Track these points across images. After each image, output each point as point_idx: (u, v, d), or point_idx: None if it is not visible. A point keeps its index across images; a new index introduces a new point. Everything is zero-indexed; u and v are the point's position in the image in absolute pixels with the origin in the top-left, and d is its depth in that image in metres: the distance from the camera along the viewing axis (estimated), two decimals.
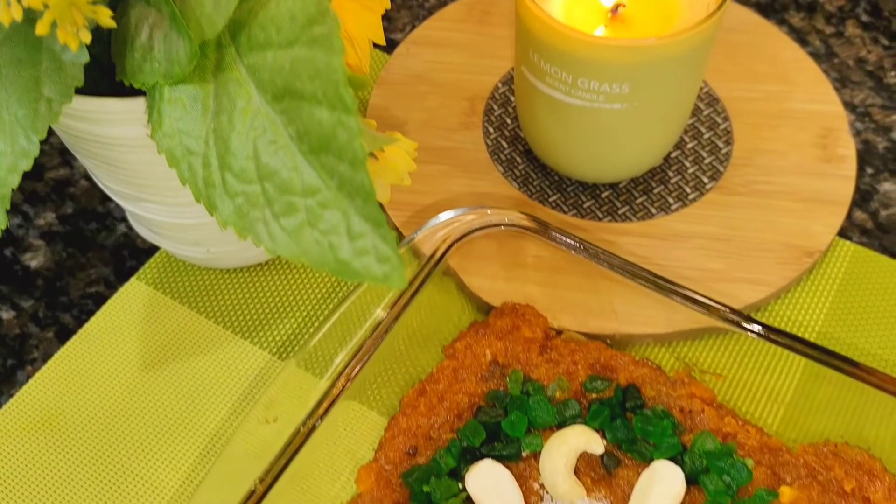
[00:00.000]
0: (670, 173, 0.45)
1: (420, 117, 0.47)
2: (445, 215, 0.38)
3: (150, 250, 0.44)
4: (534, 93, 0.40)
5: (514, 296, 0.40)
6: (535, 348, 0.38)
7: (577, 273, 0.39)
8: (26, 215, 0.46)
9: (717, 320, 0.36)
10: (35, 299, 0.43)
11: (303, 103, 0.26)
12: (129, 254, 0.45)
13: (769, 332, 0.35)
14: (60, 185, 0.47)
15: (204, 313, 0.42)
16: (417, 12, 0.55)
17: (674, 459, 0.35)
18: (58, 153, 0.49)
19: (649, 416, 0.36)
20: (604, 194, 0.44)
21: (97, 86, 0.31)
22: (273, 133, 0.27)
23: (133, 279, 0.43)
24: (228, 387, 0.40)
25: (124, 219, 0.46)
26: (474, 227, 0.38)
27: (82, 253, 0.45)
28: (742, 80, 0.48)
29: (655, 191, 0.44)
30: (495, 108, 0.48)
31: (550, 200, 0.44)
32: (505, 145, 0.46)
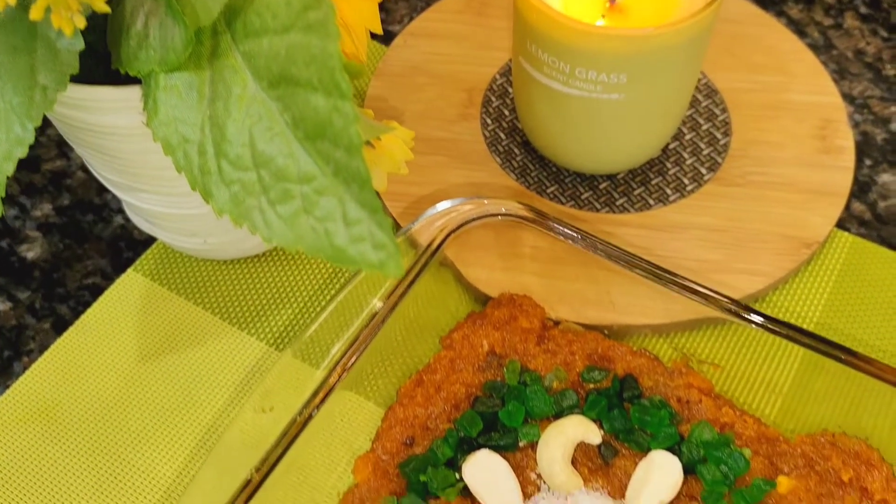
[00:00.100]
0: (668, 164, 0.45)
1: (418, 108, 0.47)
2: (443, 205, 0.38)
3: (147, 242, 0.44)
4: (531, 83, 0.40)
5: (512, 286, 0.40)
6: (532, 339, 0.38)
7: (574, 263, 0.39)
8: (23, 207, 0.46)
9: (716, 310, 0.36)
10: (32, 290, 0.43)
11: (298, 90, 0.26)
12: (126, 245, 0.45)
13: (767, 323, 0.35)
14: (57, 177, 0.47)
15: (201, 304, 0.42)
16: (415, 4, 0.55)
17: (671, 449, 0.35)
18: (55, 145, 0.49)
19: (647, 406, 0.36)
20: (602, 185, 0.44)
21: (93, 75, 0.30)
22: (269, 120, 0.27)
23: (130, 270, 0.43)
24: (225, 377, 0.40)
25: (121, 210, 0.46)
26: (472, 216, 0.38)
27: (79, 244, 0.45)
28: (740, 72, 0.48)
29: (653, 182, 0.44)
30: (493, 99, 0.48)
31: (548, 192, 0.44)
32: (503, 137, 0.46)
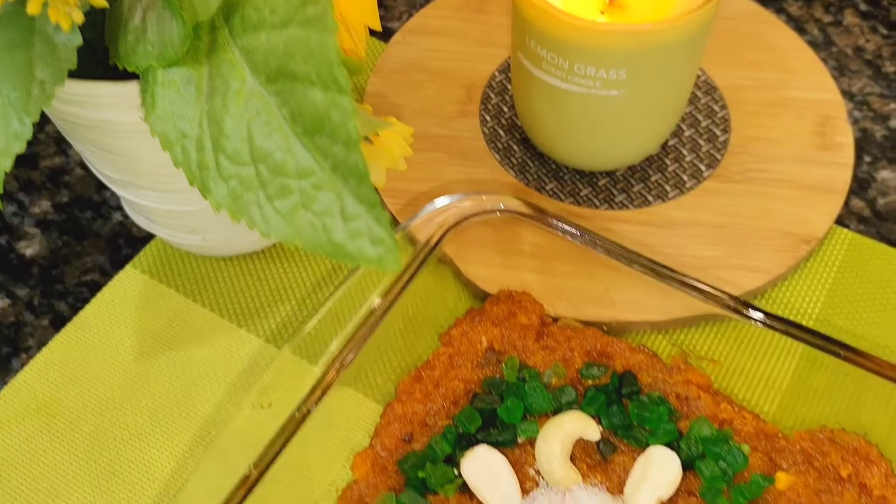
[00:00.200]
0: (667, 161, 0.45)
1: (417, 105, 0.47)
2: (441, 201, 0.38)
3: (146, 238, 0.44)
4: (530, 79, 0.40)
5: (511, 283, 0.40)
6: (531, 335, 0.38)
7: (573, 260, 0.39)
8: (21, 204, 0.46)
9: (715, 307, 0.36)
10: (30, 287, 0.43)
11: (296, 84, 0.26)
12: (125, 242, 0.44)
13: (767, 319, 0.35)
14: (56, 174, 0.47)
15: (199, 301, 0.42)
16: (414, 1, 0.54)
17: (670, 445, 0.35)
18: (53, 142, 0.49)
19: (645, 402, 0.36)
20: (601, 182, 0.44)
21: (91, 71, 0.30)
22: (267, 115, 0.27)
23: (128, 267, 0.43)
24: (223, 374, 0.40)
25: (120, 207, 0.46)
26: (470, 213, 0.38)
27: (78, 241, 0.45)
28: (740, 69, 0.48)
29: (653, 179, 0.44)
30: (492, 96, 0.48)
31: (547, 188, 0.44)
32: (502, 133, 0.46)
